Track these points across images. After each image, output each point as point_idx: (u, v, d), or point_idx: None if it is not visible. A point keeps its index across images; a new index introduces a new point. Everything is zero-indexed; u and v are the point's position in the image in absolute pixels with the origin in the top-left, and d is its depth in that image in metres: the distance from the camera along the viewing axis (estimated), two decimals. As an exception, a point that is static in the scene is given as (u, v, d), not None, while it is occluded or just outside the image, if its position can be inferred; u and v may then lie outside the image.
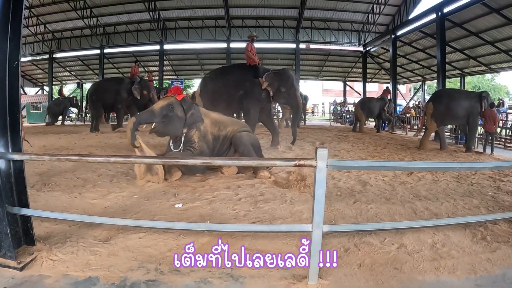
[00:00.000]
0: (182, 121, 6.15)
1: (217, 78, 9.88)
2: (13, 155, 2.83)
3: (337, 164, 2.55)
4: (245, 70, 9.72)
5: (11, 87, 2.91)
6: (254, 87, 9.24)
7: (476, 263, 3.05)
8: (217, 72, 10.58)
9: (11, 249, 2.83)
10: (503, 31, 15.54)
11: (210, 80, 9.92)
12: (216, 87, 9.53)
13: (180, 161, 3.18)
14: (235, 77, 9.59)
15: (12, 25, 2.90)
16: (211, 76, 10.25)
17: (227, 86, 9.45)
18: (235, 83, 9.43)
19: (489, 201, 5.03)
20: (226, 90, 9.41)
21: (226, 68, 11.13)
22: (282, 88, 9.19)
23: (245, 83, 9.32)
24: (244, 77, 9.42)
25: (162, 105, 6.03)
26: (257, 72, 9.37)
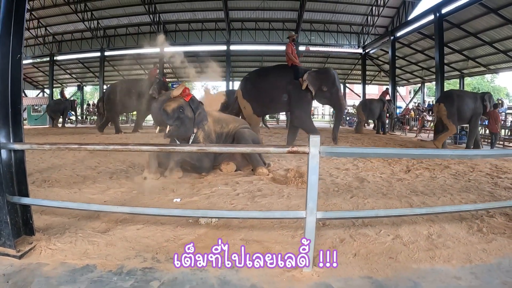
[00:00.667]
0: (192, 121, 6.18)
1: (258, 79, 9.62)
2: (14, 145, 2.88)
3: (329, 151, 2.59)
4: (285, 71, 9.42)
5: (13, 79, 2.96)
6: (299, 90, 8.97)
7: (471, 253, 3.07)
8: (257, 73, 10.26)
9: (11, 238, 2.87)
10: (501, 31, 15.60)
11: (251, 82, 9.71)
12: (257, 89, 9.34)
13: (176, 148, 3.21)
14: (276, 78, 9.32)
15: (15, 18, 2.95)
16: (251, 78, 9.97)
17: (269, 88, 9.22)
18: (277, 85, 9.17)
19: (486, 196, 5.05)
20: (268, 92, 9.21)
21: (266, 69, 10.78)
22: (323, 88, 9.00)
23: (288, 86, 9.06)
24: (286, 79, 9.16)
25: (173, 107, 6.04)
26: (298, 73, 9.09)
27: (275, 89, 9.14)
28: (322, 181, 5.81)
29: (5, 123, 2.91)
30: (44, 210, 3.93)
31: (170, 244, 3.21)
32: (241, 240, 3.30)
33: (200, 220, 3.76)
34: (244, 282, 2.56)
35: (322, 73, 9.21)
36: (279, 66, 10.38)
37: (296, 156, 8.27)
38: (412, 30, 19.14)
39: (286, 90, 9.04)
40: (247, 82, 9.83)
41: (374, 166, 7.38)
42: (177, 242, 3.24)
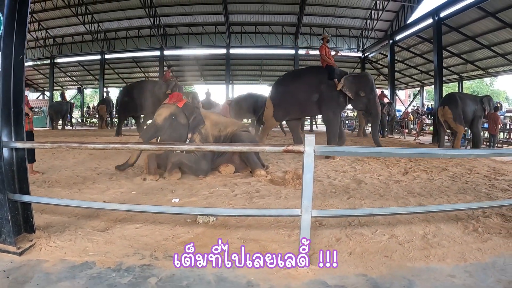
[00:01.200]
0: (186, 127, 6.23)
1: (289, 81, 9.42)
2: (16, 144, 2.93)
3: (324, 150, 2.64)
4: (319, 72, 9.08)
5: (16, 79, 3.02)
6: (331, 90, 8.66)
7: (466, 252, 3.10)
8: (289, 75, 10.09)
9: (11, 235, 2.91)
10: (500, 35, 15.65)
11: (281, 84, 9.53)
12: (288, 91, 9.12)
13: (174, 146, 3.25)
14: (308, 79, 9.07)
15: (18, 19, 3.01)
16: (282, 80, 9.78)
17: (300, 89, 8.95)
18: (309, 86, 8.90)
19: (483, 197, 5.09)
20: (299, 94, 8.94)
21: (299, 71, 10.47)
22: (361, 93, 8.67)
23: (320, 86, 8.75)
24: (319, 79, 8.84)
25: (165, 116, 6.10)
26: (333, 74, 8.75)
27: (307, 89, 8.88)
28: (319, 182, 5.87)
29: (7, 122, 2.96)
30: (44, 209, 3.98)
31: (168, 242, 3.26)
32: (239, 239, 3.35)
33: (198, 219, 3.81)
34: (240, 279, 2.60)
35: (360, 77, 8.96)
36: (313, 66, 10.19)
37: (295, 159, 8.32)
38: (411, 34, 19.19)
39: (318, 90, 8.77)
40: (278, 84, 9.67)
41: (372, 168, 7.43)
42: (175, 241, 3.29)
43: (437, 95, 15.17)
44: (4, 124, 2.93)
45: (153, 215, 3.90)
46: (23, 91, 3.13)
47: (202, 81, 31.29)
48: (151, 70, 30.36)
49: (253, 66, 29.60)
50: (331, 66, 8.97)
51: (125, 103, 14.73)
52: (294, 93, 8.97)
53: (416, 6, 20.66)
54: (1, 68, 2.89)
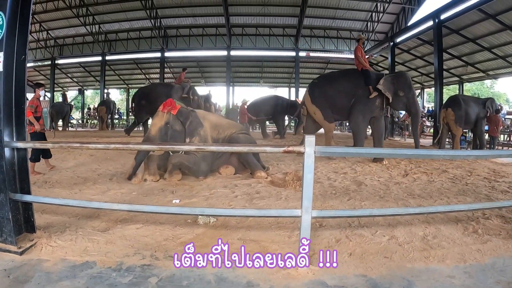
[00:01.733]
0: (182, 133, 6.25)
1: (327, 84, 9.18)
2: (18, 143, 2.94)
3: (324, 150, 2.65)
4: (355, 76, 8.95)
5: (18, 79, 3.04)
6: (366, 96, 8.54)
7: (466, 253, 3.11)
8: (326, 78, 9.84)
9: (12, 234, 2.92)
10: (500, 37, 15.65)
11: (319, 87, 9.27)
12: (327, 93, 8.95)
13: (175, 146, 3.26)
14: (345, 84, 8.91)
15: (20, 20, 3.03)
16: (320, 83, 9.47)
17: (338, 93, 8.84)
18: (347, 90, 8.78)
19: (483, 199, 5.10)
20: (338, 98, 8.83)
21: (335, 74, 10.22)
22: (400, 93, 8.52)
23: (357, 91, 8.63)
24: (355, 84, 8.72)
25: (159, 126, 6.11)
26: (369, 79, 8.61)
27: (344, 94, 8.78)
28: (320, 184, 5.87)
29: (8, 122, 2.97)
30: (45, 209, 3.99)
31: (169, 242, 3.27)
32: (239, 240, 3.36)
33: (199, 220, 3.82)
34: (240, 279, 2.61)
35: (398, 77, 8.77)
36: (349, 70, 9.94)
37: (295, 160, 8.33)
38: (411, 36, 19.18)
39: (354, 95, 8.67)
40: (315, 87, 9.39)
41: (372, 170, 7.44)
42: (175, 241, 3.30)
43: (438, 97, 15.16)
44: (6, 124, 2.94)
45: (154, 216, 3.92)
46: (25, 92, 3.14)
47: (203, 83, 31.28)
48: (152, 72, 30.39)
49: (254, 68, 29.62)
50: (367, 71, 8.83)
51: (142, 106, 14.69)
52: (333, 97, 8.88)
53: (416, 8, 20.65)
54: (3, 68, 2.91)
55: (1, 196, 2.93)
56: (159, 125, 6.11)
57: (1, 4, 2.92)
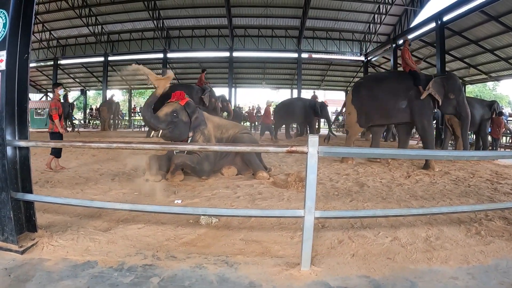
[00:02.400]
0: (188, 125, 6.25)
1: (373, 86, 8.89)
2: (20, 142, 2.94)
3: (327, 151, 2.63)
4: (404, 77, 8.62)
5: (20, 78, 3.03)
6: (420, 97, 8.21)
7: (469, 254, 3.10)
8: (371, 79, 9.67)
9: (13, 233, 2.92)
10: (502, 39, 15.63)
11: (364, 89, 9.02)
12: (372, 96, 8.69)
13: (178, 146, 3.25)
14: (394, 85, 8.58)
15: (23, 19, 3.03)
16: (364, 84, 9.30)
17: (386, 95, 8.50)
18: (396, 92, 8.44)
19: (486, 200, 5.09)
20: (385, 100, 8.51)
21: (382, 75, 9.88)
22: (450, 95, 8.20)
23: (408, 92, 8.32)
24: (406, 85, 8.42)
25: (166, 111, 6.11)
26: (418, 80, 8.32)
27: (394, 95, 8.43)
28: (322, 185, 5.86)
29: (11, 121, 2.97)
30: (46, 208, 3.99)
31: (171, 243, 3.26)
32: (241, 240, 3.35)
33: (201, 220, 3.82)
34: (242, 280, 2.59)
35: (448, 79, 8.42)
36: (396, 72, 9.60)
37: (297, 161, 8.34)
38: (413, 38, 19.12)
39: (405, 97, 8.34)
40: (360, 88, 9.17)
41: (375, 171, 7.43)
42: (177, 241, 3.29)
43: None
44: (8, 122, 2.94)
45: (155, 216, 3.91)
46: (28, 91, 3.14)
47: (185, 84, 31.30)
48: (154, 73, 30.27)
49: (256, 70, 29.61)
50: (416, 72, 8.58)
51: None
52: (379, 99, 8.58)
53: (419, 10, 20.63)
54: (5, 67, 2.90)
55: (2, 194, 2.93)
56: (166, 111, 6.08)
57: (4, 3, 2.92)
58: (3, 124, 2.90)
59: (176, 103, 6.24)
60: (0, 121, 2.91)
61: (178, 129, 6.14)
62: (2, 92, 2.91)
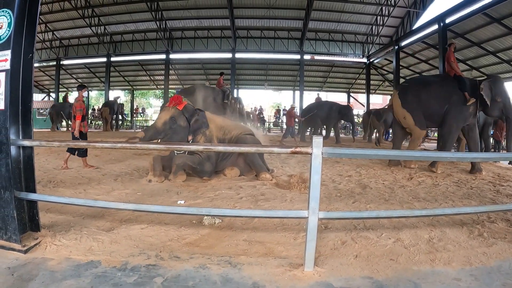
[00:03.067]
0: (187, 129, 6.25)
1: (421, 88, 8.67)
2: (23, 141, 2.95)
3: (331, 152, 2.63)
4: (450, 81, 8.37)
5: (24, 77, 3.04)
6: (461, 103, 8.03)
7: (472, 256, 3.10)
8: (420, 81, 9.45)
9: (17, 232, 2.92)
10: (505, 41, 15.59)
11: (411, 91, 8.79)
12: (421, 97, 8.53)
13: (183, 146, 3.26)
14: (440, 88, 8.40)
15: (27, 18, 3.04)
16: (413, 86, 9.06)
17: (432, 98, 8.37)
18: (441, 95, 8.29)
19: (488, 202, 5.07)
20: (431, 103, 8.39)
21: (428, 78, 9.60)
22: (497, 98, 7.99)
23: (452, 97, 8.15)
24: (450, 90, 8.21)
25: (164, 120, 6.12)
26: (464, 85, 8.08)
27: (438, 100, 8.30)
28: (325, 187, 5.85)
29: (15, 120, 2.97)
30: (49, 208, 3.99)
31: (174, 243, 3.27)
32: (244, 241, 3.36)
33: (204, 221, 3.82)
34: (246, 280, 2.59)
35: (495, 81, 8.20)
36: (441, 75, 9.23)
37: (300, 163, 8.34)
38: (416, 40, 19.14)
39: (448, 101, 8.19)
40: (407, 91, 8.94)
41: (377, 173, 7.43)
42: (180, 242, 3.30)
43: (442, 101, 15.10)
44: (12, 122, 2.94)
45: (158, 216, 3.92)
46: (32, 90, 3.15)
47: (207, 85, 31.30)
48: (156, 74, 30.46)
49: (259, 71, 29.61)
50: (461, 76, 8.38)
51: None
52: (426, 102, 8.47)
53: (421, 12, 20.62)
54: (10, 66, 2.91)
55: (6, 194, 2.93)
56: (164, 119, 6.11)
57: (9, 2, 2.94)
58: (7, 124, 2.91)
59: (174, 109, 6.23)
60: (4, 121, 2.92)
61: (177, 135, 6.15)
62: (6, 92, 2.92)
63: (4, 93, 2.92)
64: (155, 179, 5.87)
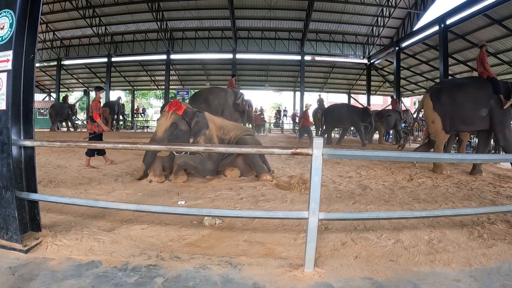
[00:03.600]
0: (188, 132, 6.28)
1: (456, 91, 8.40)
2: (25, 142, 2.96)
3: (332, 153, 2.64)
4: (485, 84, 8.10)
5: (26, 78, 3.06)
6: (501, 106, 7.74)
7: (471, 257, 3.10)
8: (453, 84, 9.05)
9: (18, 232, 2.94)
10: (506, 42, 15.59)
11: (445, 94, 8.51)
12: (454, 101, 8.31)
13: (184, 147, 3.27)
14: (477, 91, 8.09)
15: (29, 19, 3.06)
16: (447, 89, 8.71)
17: (468, 101, 8.07)
18: (478, 99, 8.00)
19: (488, 204, 5.07)
20: (466, 106, 8.10)
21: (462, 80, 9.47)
22: None
23: (490, 100, 7.87)
24: (486, 92, 7.95)
25: (166, 127, 6.12)
26: (499, 87, 7.86)
27: (474, 103, 8.01)
28: (325, 187, 5.85)
29: (16, 120, 2.99)
30: (50, 208, 4.01)
31: (175, 243, 3.28)
32: (245, 242, 3.37)
33: (204, 221, 3.83)
34: (246, 281, 2.60)
35: None
36: (474, 77, 9.19)
37: (300, 164, 8.34)
38: (417, 41, 19.16)
39: (486, 105, 7.89)
40: (440, 93, 8.65)
41: (377, 174, 7.42)
42: (181, 242, 3.31)
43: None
44: (14, 122, 2.96)
45: (159, 217, 3.93)
46: (33, 91, 3.16)
47: (208, 85, 31.33)
48: (157, 74, 30.49)
49: (259, 72, 29.61)
50: (494, 78, 8.13)
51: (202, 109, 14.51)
52: (461, 105, 8.20)
53: (422, 13, 20.63)
54: (12, 66, 2.93)
55: (7, 194, 2.95)
56: (165, 126, 6.12)
57: (10, 3, 2.95)
58: (9, 124, 2.92)
59: (174, 114, 6.23)
60: (6, 121, 2.93)
61: (179, 140, 6.17)
62: (8, 92, 2.93)
63: (6, 93, 2.93)
64: (155, 179, 5.88)
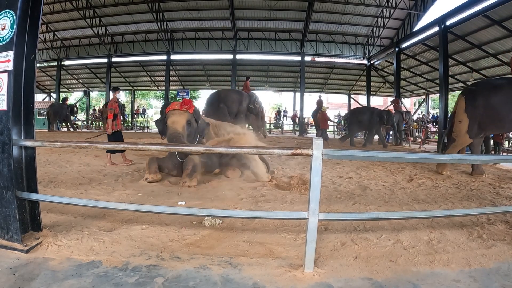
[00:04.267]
0: (194, 130, 6.36)
1: (491, 93, 8.15)
2: (25, 142, 2.97)
3: (331, 153, 2.65)
4: None
5: (27, 78, 3.07)
6: None
7: (471, 257, 3.11)
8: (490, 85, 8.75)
9: (18, 232, 2.94)
10: (505, 43, 15.57)
11: (481, 96, 8.28)
12: (489, 103, 8.02)
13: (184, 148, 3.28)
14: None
15: (30, 19, 3.06)
16: (482, 90, 8.45)
17: (505, 103, 7.81)
18: None
19: (488, 204, 5.09)
20: (504, 108, 7.80)
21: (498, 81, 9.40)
22: None
23: None
24: None
25: (183, 124, 6.12)
26: None
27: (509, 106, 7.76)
28: (325, 188, 5.86)
29: (17, 120, 3.00)
30: (50, 208, 4.01)
31: (175, 243, 3.29)
32: (245, 242, 3.37)
33: (204, 221, 3.84)
34: (246, 281, 2.61)
35: None
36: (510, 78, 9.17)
37: (300, 164, 8.35)
38: (417, 42, 19.15)
39: None
40: (475, 95, 8.45)
41: (377, 175, 7.43)
42: (181, 242, 3.32)
43: (443, 103, 15.10)
44: (14, 122, 2.97)
45: (159, 217, 3.94)
46: (34, 91, 3.17)
47: (208, 86, 31.35)
48: (157, 74, 30.50)
49: (259, 72, 29.61)
50: None
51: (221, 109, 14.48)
52: (497, 107, 7.93)
53: (422, 14, 20.64)
54: (12, 67, 2.93)
55: (8, 194, 2.96)
56: (182, 123, 6.12)
57: (11, 3, 2.96)
58: (10, 124, 2.93)
59: (187, 112, 6.25)
60: (7, 121, 2.94)
61: (191, 137, 6.26)
62: (9, 92, 2.94)
63: (7, 93, 2.94)
64: (150, 176, 5.90)
